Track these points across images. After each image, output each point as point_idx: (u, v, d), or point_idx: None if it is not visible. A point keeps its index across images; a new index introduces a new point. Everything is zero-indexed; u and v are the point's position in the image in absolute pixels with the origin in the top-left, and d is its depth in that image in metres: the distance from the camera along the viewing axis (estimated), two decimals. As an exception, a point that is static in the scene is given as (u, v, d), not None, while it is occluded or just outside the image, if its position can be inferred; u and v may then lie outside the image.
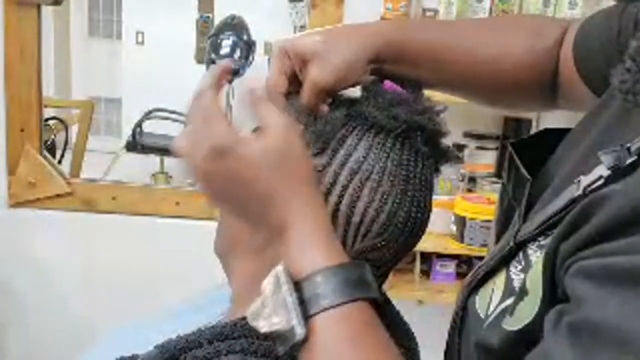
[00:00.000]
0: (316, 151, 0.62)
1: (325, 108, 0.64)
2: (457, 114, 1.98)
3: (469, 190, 1.92)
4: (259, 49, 3.98)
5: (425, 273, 1.92)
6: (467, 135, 1.96)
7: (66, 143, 3.27)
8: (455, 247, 1.79)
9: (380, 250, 0.62)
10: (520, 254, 0.50)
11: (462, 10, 1.80)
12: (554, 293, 0.43)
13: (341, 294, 0.49)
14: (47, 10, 3.88)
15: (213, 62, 3.80)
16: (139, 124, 3.90)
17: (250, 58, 3.91)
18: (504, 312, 0.48)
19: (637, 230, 0.38)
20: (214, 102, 0.56)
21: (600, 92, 0.62)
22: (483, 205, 1.75)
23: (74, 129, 3.33)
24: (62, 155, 3.14)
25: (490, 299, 0.51)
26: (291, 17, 2.09)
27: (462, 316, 0.55)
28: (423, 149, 0.63)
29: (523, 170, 0.58)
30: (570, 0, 1.78)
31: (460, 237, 1.78)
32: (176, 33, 4.21)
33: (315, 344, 0.48)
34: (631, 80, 0.46)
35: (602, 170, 0.44)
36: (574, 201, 0.45)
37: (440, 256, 1.88)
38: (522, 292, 0.47)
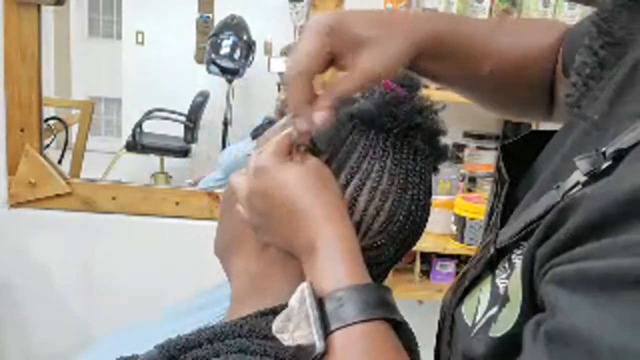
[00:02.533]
0: (316, 150, 0.62)
1: (323, 122, 0.63)
2: (457, 114, 1.98)
3: (469, 190, 1.92)
4: (259, 49, 3.98)
5: (425, 273, 1.92)
6: (467, 135, 1.96)
7: (66, 143, 3.27)
8: (455, 247, 1.79)
9: (380, 249, 0.62)
10: (506, 261, 0.50)
11: (462, 10, 1.80)
12: (533, 299, 0.43)
13: (362, 312, 0.50)
14: (47, 10, 3.89)
15: (213, 62, 3.81)
16: (139, 124, 3.90)
17: (250, 58, 3.91)
18: (490, 320, 0.48)
19: (608, 233, 0.37)
20: (281, 139, 0.59)
21: None
22: (483, 205, 1.75)
23: (74, 129, 3.33)
24: (62, 155, 3.13)
25: (476, 308, 0.51)
26: (291, 17, 2.09)
27: (451, 326, 0.55)
28: (422, 147, 0.63)
29: (503, 173, 0.58)
30: (570, 0, 1.78)
31: (460, 237, 1.78)
32: (176, 33, 4.21)
33: (334, 358, 0.49)
34: (576, 95, 0.46)
35: (579, 176, 0.43)
36: (553, 207, 0.44)
37: (440, 256, 1.88)
38: (505, 299, 0.47)
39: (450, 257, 1.89)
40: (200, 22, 4.19)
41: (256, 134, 3.05)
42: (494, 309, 0.48)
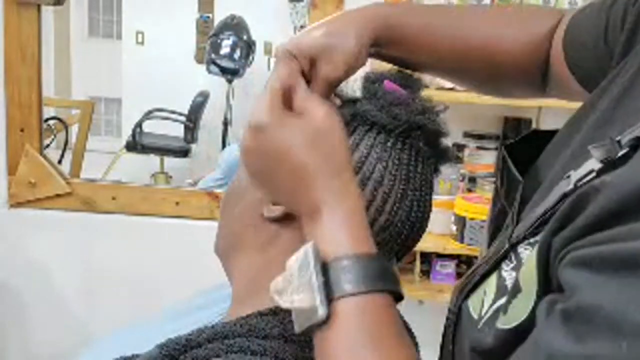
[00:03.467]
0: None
1: (336, 102, 0.64)
2: (457, 114, 1.98)
3: (469, 190, 1.92)
4: (259, 49, 3.99)
5: (425, 273, 1.92)
6: (467, 135, 1.96)
7: (66, 143, 3.27)
8: (455, 247, 1.79)
9: (380, 249, 0.62)
10: (512, 254, 0.50)
11: (462, 10, 1.80)
12: (548, 288, 0.43)
13: (366, 283, 0.49)
14: (47, 10, 3.89)
15: (213, 62, 3.81)
16: (139, 124, 3.90)
17: (250, 58, 3.92)
18: (497, 311, 0.48)
19: (631, 218, 0.37)
20: (270, 88, 0.56)
21: (589, 87, 0.63)
22: (483, 205, 1.75)
23: (74, 129, 3.33)
24: (62, 155, 3.13)
25: (482, 301, 0.51)
26: (291, 17, 2.10)
27: (456, 321, 0.55)
28: (423, 148, 0.63)
29: (515, 173, 0.58)
30: None
31: (460, 237, 1.78)
32: (176, 33, 4.21)
33: (334, 327, 0.48)
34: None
35: (593, 164, 0.44)
36: (565, 195, 0.45)
37: (440, 256, 1.88)
38: (515, 290, 0.46)
39: (450, 257, 1.89)
40: (200, 22, 4.19)
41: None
42: (502, 300, 0.48)
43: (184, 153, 3.99)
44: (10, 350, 1.96)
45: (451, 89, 1.76)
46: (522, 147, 0.63)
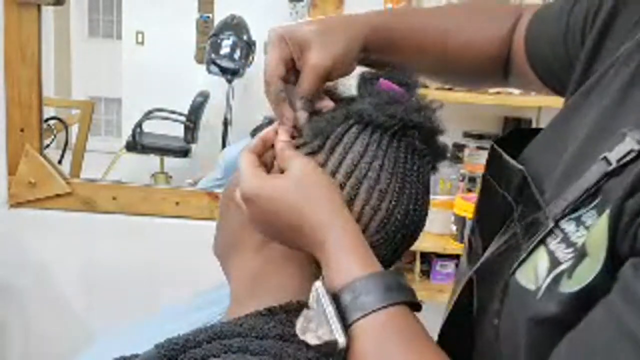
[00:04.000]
0: (313, 149, 0.62)
1: (330, 103, 0.65)
2: (457, 114, 1.98)
3: (469, 190, 1.92)
4: (259, 49, 3.98)
5: (425, 273, 1.91)
6: (467, 135, 1.96)
7: (66, 143, 3.27)
8: (455, 247, 1.79)
9: (378, 248, 0.62)
10: (556, 230, 0.53)
11: (461, 10, 1.80)
12: (614, 252, 0.46)
13: (380, 299, 0.52)
14: (47, 10, 3.89)
15: (213, 62, 3.81)
16: (139, 124, 3.90)
17: (250, 58, 3.92)
18: (557, 278, 0.50)
19: None
20: (244, 158, 0.63)
21: (548, 82, 0.72)
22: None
23: (74, 129, 3.33)
24: (62, 155, 3.13)
25: (536, 273, 0.52)
26: (291, 17, 2.10)
27: (502, 298, 0.56)
28: (420, 146, 0.63)
29: (515, 164, 0.60)
30: None
31: (460, 237, 1.77)
32: (176, 33, 4.21)
33: (358, 350, 0.50)
34: None
35: (632, 145, 0.49)
36: (607, 174, 0.49)
37: (440, 256, 1.88)
38: (582, 255, 0.48)
39: (450, 257, 1.88)
40: (200, 22, 4.19)
41: (256, 134, 3.04)
42: (560, 268, 0.50)
43: (184, 153, 3.99)
44: (11, 349, 1.96)
45: (450, 88, 1.76)
46: (507, 144, 0.66)
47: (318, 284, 0.53)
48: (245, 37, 3.83)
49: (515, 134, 0.69)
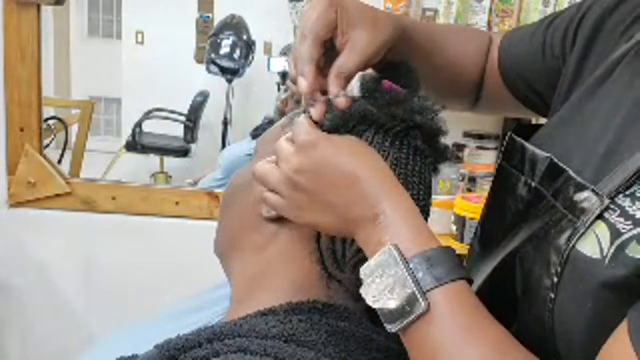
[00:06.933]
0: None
1: (347, 103, 0.63)
2: (457, 114, 1.98)
3: (469, 190, 1.92)
4: (259, 49, 3.99)
5: (425, 273, 1.91)
6: (467, 135, 1.97)
7: (66, 143, 3.27)
8: (455, 247, 1.78)
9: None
10: (613, 206, 0.54)
11: (462, 10, 1.80)
12: None
13: (452, 272, 0.52)
14: (47, 10, 3.89)
15: (213, 62, 3.81)
16: (138, 124, 3.90)
17: (250, 58, 3.92)
18: (621, 246, 0.51)
19: None
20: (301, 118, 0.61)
21: (527, 99, 0.77)
22: (483, 205, 1.74)
23: (74, 129, 3.33)
24: (62, 155, 3.13)
25: (599, 245, 0.54)
26: (291, 17, 2.10)
27: (560, 272, 0.56)
28: (422, 148, 0.63)
29: (538, 151, 0.62)
30: None
31: (460, 237, 1.77)
32: (176, 33, 4.21)
33: (437, 315, 0.51)
34: None
35: None
36: None
37: (440, 256, 1.88)
38: None
39: (450, 257, 1.88)
40: (200, 22, 4.19)
41: (256, 134, 3.05)
42: (624, 237, 0.51)
43: (184, 153, 3.99)
44: (11, 349, 1.96)
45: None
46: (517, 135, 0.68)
47: (390, 247, 0.53)
48: (245, 37, 3.83)
49: (521, 129, 0.70)
